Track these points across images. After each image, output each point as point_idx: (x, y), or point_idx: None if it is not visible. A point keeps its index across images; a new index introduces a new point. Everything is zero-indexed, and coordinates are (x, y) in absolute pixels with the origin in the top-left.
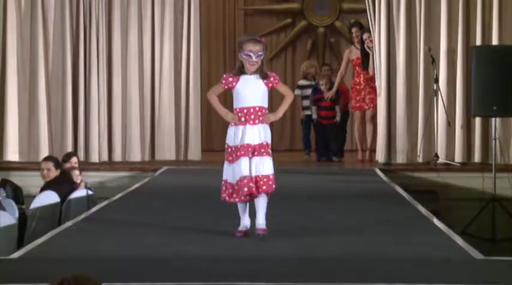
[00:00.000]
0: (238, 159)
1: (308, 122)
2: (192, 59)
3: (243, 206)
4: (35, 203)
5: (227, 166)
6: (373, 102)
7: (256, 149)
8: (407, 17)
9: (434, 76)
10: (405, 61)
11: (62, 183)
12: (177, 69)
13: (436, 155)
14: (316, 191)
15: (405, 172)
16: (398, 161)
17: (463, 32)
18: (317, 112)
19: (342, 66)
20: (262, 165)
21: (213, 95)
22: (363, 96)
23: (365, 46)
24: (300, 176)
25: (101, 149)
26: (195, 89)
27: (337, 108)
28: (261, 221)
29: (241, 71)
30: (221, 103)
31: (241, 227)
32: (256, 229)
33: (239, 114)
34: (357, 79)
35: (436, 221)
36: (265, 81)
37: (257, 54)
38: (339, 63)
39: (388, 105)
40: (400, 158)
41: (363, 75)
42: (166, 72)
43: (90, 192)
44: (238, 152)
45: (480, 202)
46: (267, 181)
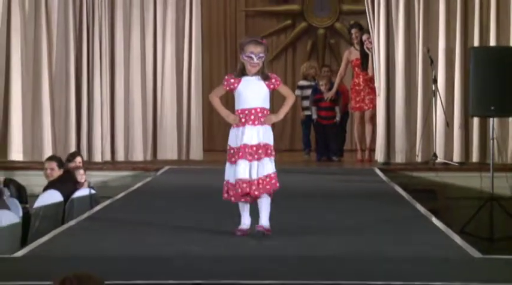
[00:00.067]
0: (237, 161)
1: (308, 122)
2: (194, 60)
3: (244, 205)
4: (39, 203)
5: (229, 166)
6: (372, 103)
7: (254, 151)
8: (406, 19)
9: (433, 77)
10: (404, 62)
11: (65, 182)
12: (179, 69)
13: (435, 155)
14: (316, 191)
15: (404, 171)
16: (397, 161)
17: (461, 33)
18: (317, 113)
19: (342, 67)
20: (263, 167)
21: (215, 97)
22: (362, 96)
23: (364, 47)
24: (300, 175)
25: (103, 149)
26: (196, 90)
27: (337, 108)
28: (265, 222)
29: (243, 73)
30: (223, 104)
31: (242, 225)
32: (257, 226)
33: (240, 116)
34: (356, 80)
35: (434, 220)
36: (266, 83)
37: (258, 55)
38: (339, 64)
39: (387, 106)
40: (399, 158)
41: (362, 76)
42: (169, 72)
43: (93, 191)
44: (239, 153)
45: (478, 201)
46: (269, 181)
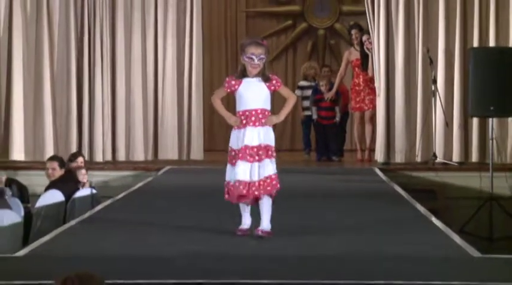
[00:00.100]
0: (237, 162)
1: (308, 122)
2: (195, 60)
3: (244, 205)
4: (40, 202)
5: (230, 168)
6: (372, 103)
7: (255, 152)
8: (405, 20)
9: (433, 77)
10: (404, 62)
11: (66, 182)
12: (179, 70)
13: (434, 154)
14: (316, 190)
15: (404, 171)
16: (397, 161)
17: (461, 33)
18: (317, 113)
19: (342, 67)
20: (264, 168)
21: (217, 99)
22: (362, 96)
23: (364, 48)
24: (300, 175)
25: (104, 149)
26: (197, 90)
27: (337, 108)
28: (266, 224)
29: (244, 74)
30: (223, 106)
31: (242, 225)
32: (257, 229)
33: (241, 117)
34: (356, 80)
35: (434, 219)
36: (267, 84)
37: (259, 57)
38: (339, 65)
39: (387, 106)
40: (399, 157)
41: (362, 76)
42: (169, 73)
43: (94, 191)
44: (239, 155)
45: (478, 200)
46: (270, 182)
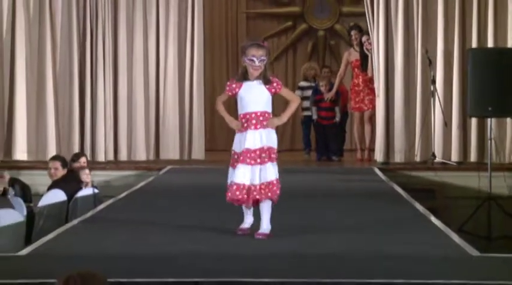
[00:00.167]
0: (238, 165)
1: (308, 122)
2: (196, 61)
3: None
4: (43, 202)
5: (231, 171)
6: (372, 103)
7: (258, 155)
8: (405, 20)
9: (432, 78)
10: (403, 63)
11: (68, 182)
12: (181, 70)
13: (433, 154)
14: (316, 190)
15: (403, 171)
16: (396, 161)
17: (459, 34)
18: (317, 113)
19: (341, 67)
20: (265, 172)
21: (220, 102)
22: (362, 97)
23: (364, 48)
24: (300, 175)
25: (107, 148)
26: (198, 90)
27: (337, 108)
28: (265, 225)
29: (245, 76)
30: (225, 107)
31: (243, 225)
32: (256, 233)
33: (243, 120)
34: (356, 80)
35: (433, 219)
36: (268, 87)
37: (260, 58)
38: (339, 65)
39: (387, 106)
40: (398, 157)
41: (361, 77)
42: (171, 73)
43: (96, 191)
44: (241, 158)
45: (476, 200)
46: (271, 188)
